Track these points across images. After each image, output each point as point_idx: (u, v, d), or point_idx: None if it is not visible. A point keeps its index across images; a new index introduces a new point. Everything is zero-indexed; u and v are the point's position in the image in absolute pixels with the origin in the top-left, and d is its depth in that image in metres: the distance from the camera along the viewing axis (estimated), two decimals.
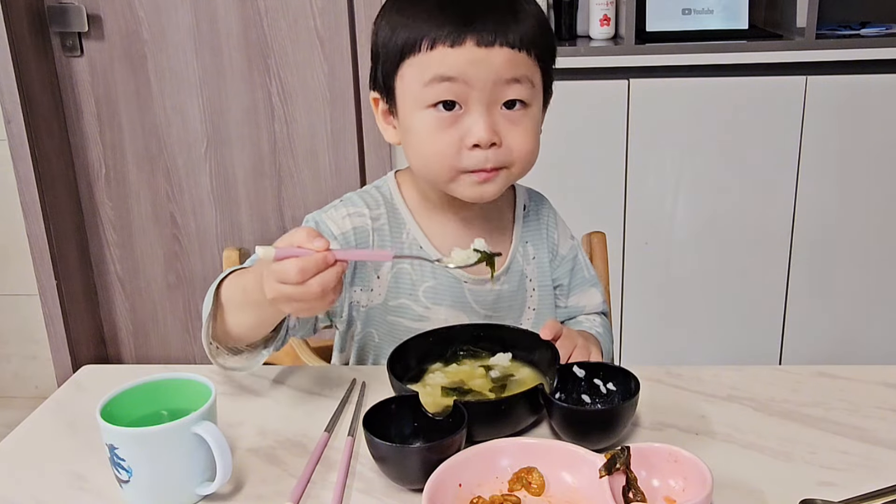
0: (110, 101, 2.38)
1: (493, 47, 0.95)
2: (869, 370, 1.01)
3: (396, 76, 1.00)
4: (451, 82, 0.96)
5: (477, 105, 0.97)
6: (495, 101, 0.98)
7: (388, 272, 1.08)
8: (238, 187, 2.44)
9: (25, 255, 2.39)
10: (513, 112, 0.99)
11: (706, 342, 2.32)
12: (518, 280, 1.13)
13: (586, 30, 2.30)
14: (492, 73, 0.96)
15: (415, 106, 0.99)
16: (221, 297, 0.93)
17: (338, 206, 1.09)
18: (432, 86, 0.96)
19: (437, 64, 0.96)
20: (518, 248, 1.14)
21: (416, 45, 0.96)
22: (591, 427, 0.85)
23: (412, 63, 0.98)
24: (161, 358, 2.62)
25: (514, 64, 0.97)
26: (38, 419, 0.96)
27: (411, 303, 1.08)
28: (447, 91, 0.96)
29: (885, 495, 0.77)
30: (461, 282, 1.09)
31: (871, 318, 2.28)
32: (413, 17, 0.97)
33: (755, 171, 2.17)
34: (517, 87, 0.98)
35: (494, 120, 0.98)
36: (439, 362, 0.99)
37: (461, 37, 0.95)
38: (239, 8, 2.27)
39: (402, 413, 0.85)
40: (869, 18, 2.30)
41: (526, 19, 0.98)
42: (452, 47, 0.95)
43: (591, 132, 2.14)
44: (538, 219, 1.17)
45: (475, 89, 0.96)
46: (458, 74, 0.95)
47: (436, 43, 0.95)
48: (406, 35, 0.97)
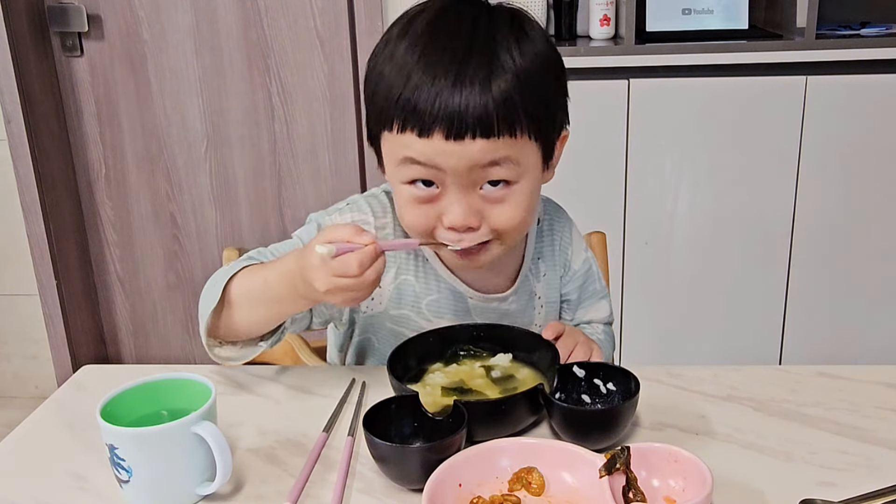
0: (110, 101, 2.38)
1: (464, 140, 0.86)
2: (869, 370, 1.01)
3: (380, 139, 0.95)
4: (423, 167, 0.89)
5: (453, 188, 0.90)
6: (473, 183, 0.91)
7: (391, 283, 1.06)
8: (238, 187, 2.44)
9: (25, 255, 2.39)
10: (494, 191, 0.91)
11: (706, 342, 2.32)
12: (526, 299, 1.11)
13: (586, 30, 2.30)
14: (465, 162, 0.88)
15: (394, 176, 0.95)
16: (232, 293, 0.94)
17: (343, 210, 1.06)
18: (405, 165, 0.91)
19: (407, 148, 0.89)
20: (529, 267, 1.11)
21: (388, 122, 0.90)
22: (591, 427, 0.85)
23: (387, 138, 0.92)
24: (161, 358, 2.63)
25: (490, 150, 0.88)
26: (38, 419, 0.96)
27: (413, 314, 1.06)
28: (420, 172, 0.90)
29: (885, 495, 0.77)
30: (466, 297, 1.07)
31: (871, 318, 2.28)
32: (391, 74, 0.89)
33: (755, 171, 2.17)
34: (498, 169, 0.89)
35: (473, 201, 0.91)
36: (439, 362, 0.99)
37: (429, 126, 0.86)
38: (239, 8, 2.27)
39: (402, 413, 0.85)
40: (869, 18, 2.30)
41: (507, 89, 0.86)
42: (420, 137, 0.87)
43: (591, 132, 2.14)
44: (552, 233, 1.14)
45: (449, 175, 0.89)
46: (428, 161, 0.89)
47: (405, 127, 0.88)
48: (381, 104, 0.91)
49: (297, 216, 2.45)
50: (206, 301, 0.95)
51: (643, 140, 2.16)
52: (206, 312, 0.94)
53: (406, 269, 1.06)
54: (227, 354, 0.98)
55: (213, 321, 0.95)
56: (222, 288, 0.93)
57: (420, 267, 1.06)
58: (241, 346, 0.98)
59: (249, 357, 0.98)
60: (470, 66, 0.86)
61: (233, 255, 1.27)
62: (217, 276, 0.97)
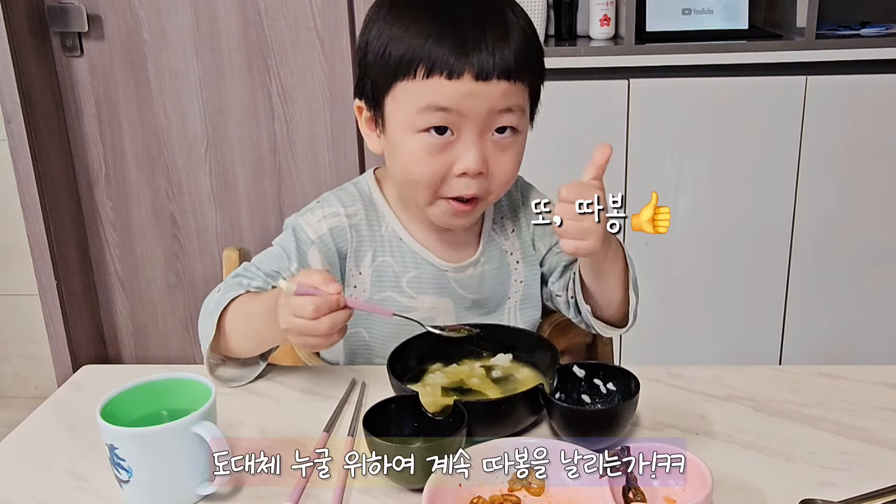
0: (110, 101, 2.38)
1: (491, 81, 0.94)
2: (869, 370, 1.01)
3: (388, 95, 0.98)
4: (446, 112, 0.95)
5: (469, 133, 0.96)
6: (487, 128, 0.97)
7: (370, 266, 1.08)
8: (238, 187, 2.44)
9: (25, 255, 2.39)
10: (503, 138, 0.98)
11: (706, 342, 2.32)
12: (498, 257, 1.13)
13: (586, 30, 2.30)
14: (487, 104, 0.95)
15: (406, 128, 0.97)
16: (225, 325, 0.98)
17: (314, 209, 1.10)
18: (426, 113, 0.95)
19: (432, 93, 0.94)
20: (492, 227, 1.13)
21: (411, 70, 0.94)
22: (591, 427, 0.85)
23: (406, 87, 0.96)
24: (161, 358, 2.62)
25: (509, 95, 0.96)
26: (38, 419, 0.96)
27: (396, 294, 1.08)
28: (441, 119, 0.95)
29: (885, 495, 0.77)
30: (443, 270, 1.09)
31: (871, 318, 2.28)
32: (407, 32, 0.95)
33: (755, 171, 2.17)
34: (510, 115, 0.97)
35: (484, 148, 0.97)
36: (439, 362, 0.99)
37: (459, 68, 0.93)
38: (239, 8, 2.27)
39: (403, 413, 0.86)
40: (869, 18, 2.30)
41: (519, 40, 0.96)
42: (450, 79, 0.93)
43: (591, 132, 2.14)
44: (509, 193, 1.15)
45: (469, 119, 0.95)
46: (453, 106, 0.94)
47: (433, 72, 0.93)
48: (400, 54, 0.95)
49: None
50: (203, 330, 0.99)
51: (643, 140, 2.15)
52: (204, 342, 0.98)
53: (382, 250, 1.08)
54: (229, 374, 1.02)
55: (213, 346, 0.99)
56: (216, 320, 0.97)
57: (395, 246, 1.08)
58: (242, 362, 1.03)
59: (250, 378, 1.02)
60: (488, 19, 0.95)
61: (233, 254, 1.27)
62: (209, 304, 1.01)
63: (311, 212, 1.10)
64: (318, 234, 1.07)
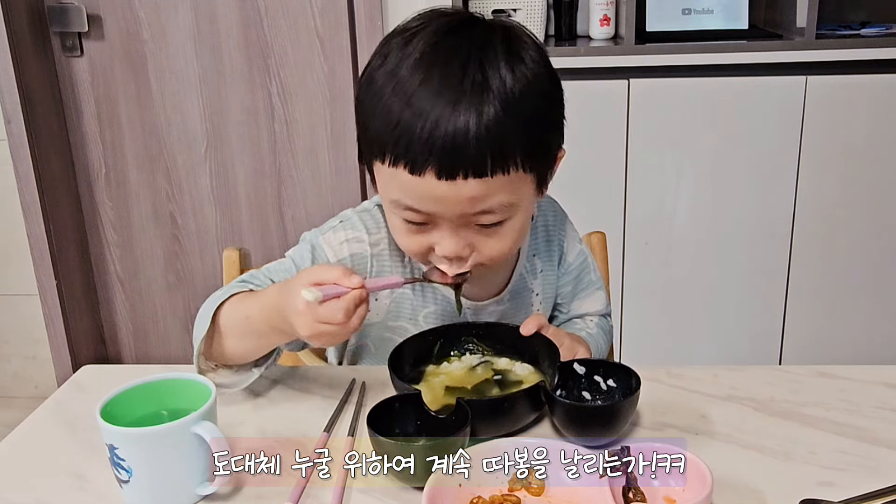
0: (110, 101, 2.38)
1: (457, 180, 0.83)
2: (869, 370, 1.01)
3: (373, 165, 0.91)
4: (414, 211, 0.88)
5: (446, 224, 0.89)
6: (466, 223, 0.89)
7: (389, 296, 1.05)
8: (238, 187, 2.44)
9: (25, 255, 2.39)
10: (489, 226, 0.90)
11: (706, 342, 2.32)
12: (522, 297, 1.11)
13: (586, 30, 2.30)
14: (457, 206, 0.86)
15: (388, 201, 0.92)
16: (220, 322, 0.94)
17: (336, 229, 1.03)
18: (397, 204, 0.89)
19: (396, 188, 0.87)
20: (524, 265, 1.10)
21: (381, 154, 0.86)
22: (592, 423, 0.85)
23: (379, 169, 0.89)
24: (161, 358, 2.62)
25: (484, 195, 0.85)
26: (38, 419, 0.96)
27: (410, 326, 1.06)
28: (411, 215, 0.89)
29: (885, 495, 0.77)
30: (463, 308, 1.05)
31: (871, 318, 2.28)
32: (382, 108, 0.86)
33: (755, 170, 2.17)
34: (490, 216, 0.88)
35: (467, 234, 0.90)
36: (440, 361, 0.99)
37: (421, 164, 0.83)
38: (239, 8, 2.27)
39: (406, 411, 0.86)
40: (869, 18, 2.30)
41: (503, 125, 0.82)
42: (412, 174, 0.84)
43: (591, 132, 2.14)
44: (546, 229, 1.13)
45: (440, 216, 0.88)
46: (417, 206, 0.87)
47: (396, 161, 0.85)
48: (375, 132, 0.87)
49: (297, 216, 2.45)
50: (198, 328, 0.95)
51: (643, 140, 2.16)
52: (197, 339, 0.94)
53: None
54: (222, 381, 0.96)
55: (206, 346, 0.95)
56: (211, 316, 0.93)
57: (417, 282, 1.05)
58: (235, 370, 0.98)
59: (243, 385, 0.97)
60: (461, 105, 0.82)
61: (233, 254, 1.27)
62: (210, 301, 0.96)
63: (333, 231, 1.03)
64: (338, 258, 1.01)
